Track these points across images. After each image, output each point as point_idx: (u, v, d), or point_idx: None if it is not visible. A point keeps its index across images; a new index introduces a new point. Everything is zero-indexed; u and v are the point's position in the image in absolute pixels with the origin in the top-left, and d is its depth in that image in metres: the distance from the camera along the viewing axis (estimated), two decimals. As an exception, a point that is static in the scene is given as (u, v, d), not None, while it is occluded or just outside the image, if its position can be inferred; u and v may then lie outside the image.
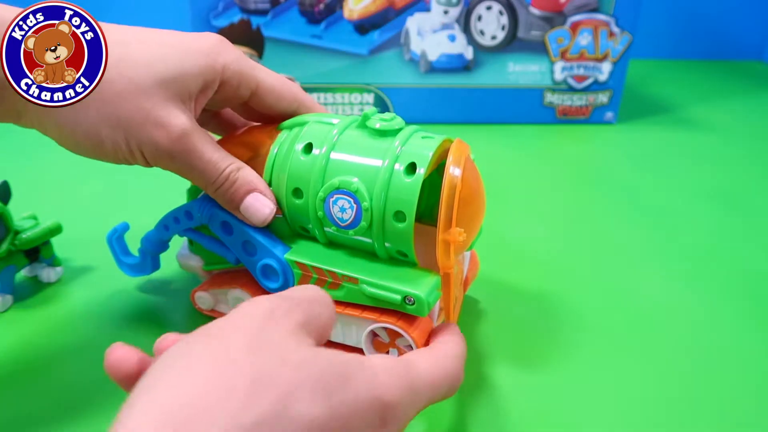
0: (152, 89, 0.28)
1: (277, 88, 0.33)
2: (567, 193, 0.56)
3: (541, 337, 0.36)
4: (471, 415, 0.30)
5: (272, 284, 0.32)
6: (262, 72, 0.32)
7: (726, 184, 0.57)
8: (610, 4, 0.67)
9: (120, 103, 0.28)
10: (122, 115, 0.28)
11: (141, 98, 0.28)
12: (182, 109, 0.29)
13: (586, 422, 0.30)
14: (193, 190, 0.35)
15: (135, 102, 0.28)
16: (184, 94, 0.29)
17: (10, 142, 0.63)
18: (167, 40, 0.30)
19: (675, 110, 0.78)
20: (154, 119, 0.28)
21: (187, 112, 0.29)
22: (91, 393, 0.31)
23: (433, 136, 0.31)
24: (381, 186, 0.29)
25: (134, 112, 0.28)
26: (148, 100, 0.28)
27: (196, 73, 0.29)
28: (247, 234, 0.32)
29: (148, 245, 0.36)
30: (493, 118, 0.71)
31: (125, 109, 0.28)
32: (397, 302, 0.29)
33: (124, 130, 0.28)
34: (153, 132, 0.28)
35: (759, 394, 0.32)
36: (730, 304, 0.40)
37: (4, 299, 0.37)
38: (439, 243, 0.28)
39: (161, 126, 0.28)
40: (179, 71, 0.29)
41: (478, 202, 0.31)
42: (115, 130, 0.28)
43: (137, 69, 0.28)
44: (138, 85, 0.28)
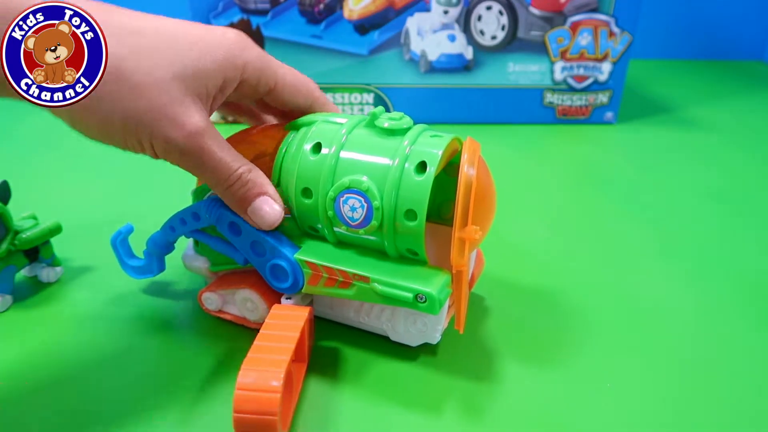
0: (170, 84, 0.27)
1: (294, 86, 0.33)
2: (567, 193, 0.56)
3: (542, 335, 0.36)
4: (475, 411, 0.30)
5: (282, 284, 0.32)
6: (281, 69, 0.32)
7: (726, 184, 0.57)
8: (610, 4, 0.67)
9: (135, 96, 0.27)
10: (137, 107, 0.27)
11: (157, 92, 0.27)
12: (198, 107, 0.28)
13: (587, 420, 0.30)
14: (198, 192, 0.35)
15: (151, 96, 0.27)
16: (201, 91, 0.29)
17: (10, 142, 0.63)
18: (187, 33, 0.29)
19: (675, 110, 0.78)
20: (169, 115, 0.27)
21: (203, 111, 0.29)
22: (91, 393, 0.31)
23: (441, 135, 0.31)
24: (392, 185, 0.29)
25: (149, 107, 0.27)
26: (165, 95, 0.27)
27: (216, 70, 0.29)
28: (255, 234, 0.32)
29: (154, 247, 0.36)
30: (493, 118, 0.71)
31: (140, 103, 0.27)
32: (409, 300, 0.29)
33: (137, 122, 0.27)
34: (166, 128, 0.28)
35: (760, 393, 0.32)
36: (730, 304, 0.40)
37: (4, 299, 0.37)
38: (454, 241, 0.28)
39: (176, 123, 0.28)
40: (199, 68, 0.28)
41: (489, 199, 0.31)
42: (128, 121, 0.27)
43: (155, 61, 0.27)
44: (156, 78, 0.27)
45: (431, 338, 0.32)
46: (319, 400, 0.31)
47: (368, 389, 0.32)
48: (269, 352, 0.28)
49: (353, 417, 0.30)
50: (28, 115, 0.68)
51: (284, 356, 0.27)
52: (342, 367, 0.33)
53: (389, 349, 0.34)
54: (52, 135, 0.64)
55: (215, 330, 0.36)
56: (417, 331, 0.33)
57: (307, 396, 0.31)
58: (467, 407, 0.31)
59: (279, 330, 0.30)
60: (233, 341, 0.35)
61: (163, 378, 0.32)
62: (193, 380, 0.32)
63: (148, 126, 0.27)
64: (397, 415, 0.30)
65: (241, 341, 0.34)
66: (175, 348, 0.35)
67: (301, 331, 0.30)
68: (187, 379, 0.32)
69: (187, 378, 0.32)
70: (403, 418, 0.30)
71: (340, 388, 0.32)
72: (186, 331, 0.36)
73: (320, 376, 0.32)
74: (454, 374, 0.33)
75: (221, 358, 0.33)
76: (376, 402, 0.31)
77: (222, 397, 0.31)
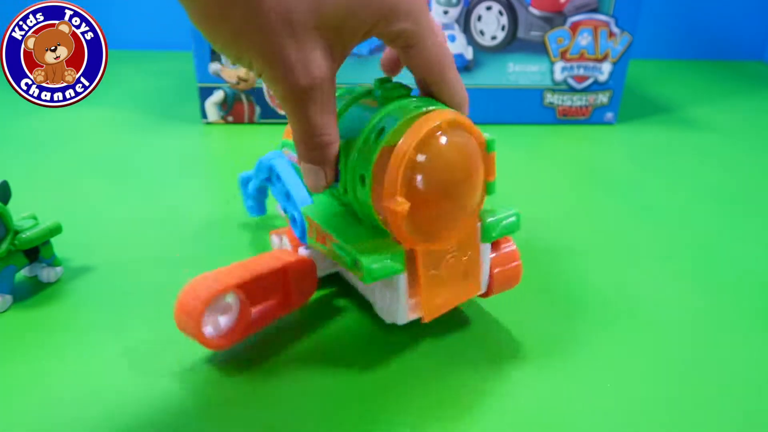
0: (306, 34, 0.25)
1: (428, 64, 0.29)
2: (567, 193, 0.56)
3: (541, 335, 0.36)
4: (475, 411, 0.30)
5: (297, 232, 0.37)
6: (429, 40, 0.29)
7: (726, 183, 0.57)
8: (610, 4, 0.67)
9: (265, 34, 0.25)
10: (263, 43, 0.25)
11: (289, 38, 0.25)
12: (327, 57, 0.26)
13: (587, 420, 0.30)
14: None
15: (281, 38, 0.25)
16: (338, 44, 0.26)
17: (10, 141, 0.63)
18: None
19: (675, 110, 0.78)
20: (291, 61, 0.25)
21: (330, 61, 0.26)
22: (90, 393, 0.31)
23: (426, 106, 0.29)
24: (354, 149, 0.29)
25: (276, 47, 0.25)
26: (296, 42, 0.25)
27: (367, 24, 0.26)
28: (287, 186, 0.37)
29: (254, 193, 0.45)
30: (493, 118, 0.71)
31: (268, 41, 0.25)
32: (349, 264, 0.30)
33: (256, 53, 0.25)
34: (283, 71, 0.26)
35: (760, 393, 0.32)
36: (730, 304, 0.40)
37: (4, 299, 0.37)
38: (385, 211, 0.28)
39: (295, 71, 0.26)
40: (347, 18, 0.25)
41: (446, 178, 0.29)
42: (250, 47, 0.25)
43: (303, 4, 0.25)
44: (293, 24, 0.25)
45: (395, 317, 0.32)
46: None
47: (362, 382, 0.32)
48: (226, 273, 0.32)
49: (350, 415, 0.30)
50: (28, 115, 0.68)
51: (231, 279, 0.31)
52: (343, 353, 0.33)
53: (390, 342, 0.34)
54: (52, 135, 0.64)
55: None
56: (385, 307, 0.33)
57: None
58: (467, 407, 0.31)
59: (253, 263, 0.34)
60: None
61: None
62: (193, 378, 0.32)
63: (267, 61, 0.25)
64: (395, 414, 0.30)
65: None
66: (175, 345, 0.35)
67: (272, 271, 0.33)
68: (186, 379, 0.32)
69: (186, 377, 0.32)
70: (398, 419, 0.30)
71: (339, 375, 0.32)
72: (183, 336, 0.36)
73: (320, 357, 0.32)
74: (454, 374, 0.33)
75: (220, 355, 0.34)
76: (371, 396, 0.31)
77: (232, 380, 0.31)
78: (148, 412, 0.30)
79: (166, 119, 0.71)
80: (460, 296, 0.33)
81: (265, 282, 0.33)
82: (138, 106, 0.75)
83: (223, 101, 0.69)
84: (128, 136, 0.66)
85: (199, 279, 0.31)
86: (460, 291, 0.33)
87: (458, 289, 0.33)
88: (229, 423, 0.29)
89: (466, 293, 0.34)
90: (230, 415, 0.30)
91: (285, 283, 0.34)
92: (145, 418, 0.30)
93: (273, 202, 0.46)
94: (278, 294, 0.34)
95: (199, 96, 0.68)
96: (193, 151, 0.64)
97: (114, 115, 0.71)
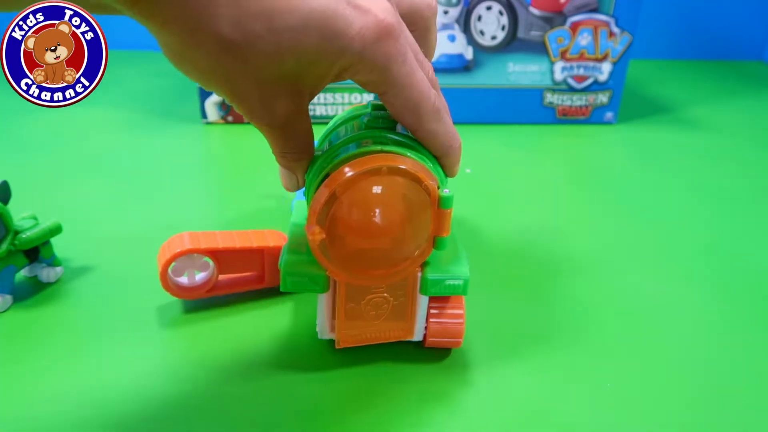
0: (268, 83, 0.25)
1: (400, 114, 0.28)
2: (567, 193, 0.56)
3: (541, 335, 0.36)
4: (475, 411, 0.30)
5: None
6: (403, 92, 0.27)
7: (726, 183, 0.57)
8: (610, 4, 0.67)
9: (226, 81, 0.25)
10: (225, 87, 0.25)
11: (251, 85, 0.25)
12: (293, 99, 0.27)
13: (588, 420, 0.30)
14: None
15: (243, 86, 0.25)
16: (306, 86, 0.26)
17: (10, 141, 0.63)
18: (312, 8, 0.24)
19: (675, 110, 0.78)
20: (254, 105, 0.26)
21: (298, 100, 0.27)
22: (91, 393, 0.31)
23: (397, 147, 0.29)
24: (316, 167, 0.30)
25: (238, 92, 0.26)
26: (258, 89, 0.26)
27: (332, 73, 0.26)
28: None
29: None
30: (493, 118, 0.71)
31: (229, 87, 0.25)
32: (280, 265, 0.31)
33: (223, 93, 0.26)
34: (248, 110, 0.26)
35: (760, 393, 0.32)
36: (730, 303, 0.40)
37: (4, 299, 0.37)
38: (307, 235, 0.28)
39: (259, 112, 0.26)
40: (310, 67, 0.25)
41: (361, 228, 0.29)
42: (216, 87, 0.26)
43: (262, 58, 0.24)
44: (258, 79, 0.25)
45: (318, 329, 0.33)
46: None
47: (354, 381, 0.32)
48: (206, 238, 0.36)
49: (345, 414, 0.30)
50: (28, 115, 0.68)
51: (202, 245, 0.36)
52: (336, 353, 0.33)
53: (385, 347, 0.34)
54: (52, 135, 0.64)
55: (214, 330, 0.36)
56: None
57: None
58: (467, 407, 0.31)
59: (238, 235, 0.37)
60: (235, 337, 0.35)
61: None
62: (193, 377, 0.32)
63: (236, 92, 0.26)
64: (386, 414, 0.30)
65: (246, 341, 0.34)
66: (174, 346, 0.35)
67: (247, 249, 0.37)
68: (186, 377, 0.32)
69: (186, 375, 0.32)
70: (394, 418, 0.30)
71: (329, 374, 0.32)
72: (186, 330, 0.36)
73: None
74: (453, 374, 0.33)
75: (221, 354, 0.34)
76: (363, 401, 0.31)
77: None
78: (148, 411, 0.30)
79: (166, 119, 0.71)
80: (383, 335, 0.33)
81: (238, 256, 0.37)
82: (138, 106, 0.75)
83: (223, 101, 0.69)
84: (128, 136, 0.66)
85: (185, 235, 0.37)
86: (383, 331, 0.33)
87: (381, 329, 0.33)
88: (229, 422, 0.30)
89: (392, 335, 0.33)
90: (230, 414, 0.30)
91: (261, 262, 0.38)
92: (145, 418, 0.30)
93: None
94: (252, 269, 0.38)
95: (199, 96, 0.68)
96: (193, 151, 0.64)
97: (114, 115, 0.71)
